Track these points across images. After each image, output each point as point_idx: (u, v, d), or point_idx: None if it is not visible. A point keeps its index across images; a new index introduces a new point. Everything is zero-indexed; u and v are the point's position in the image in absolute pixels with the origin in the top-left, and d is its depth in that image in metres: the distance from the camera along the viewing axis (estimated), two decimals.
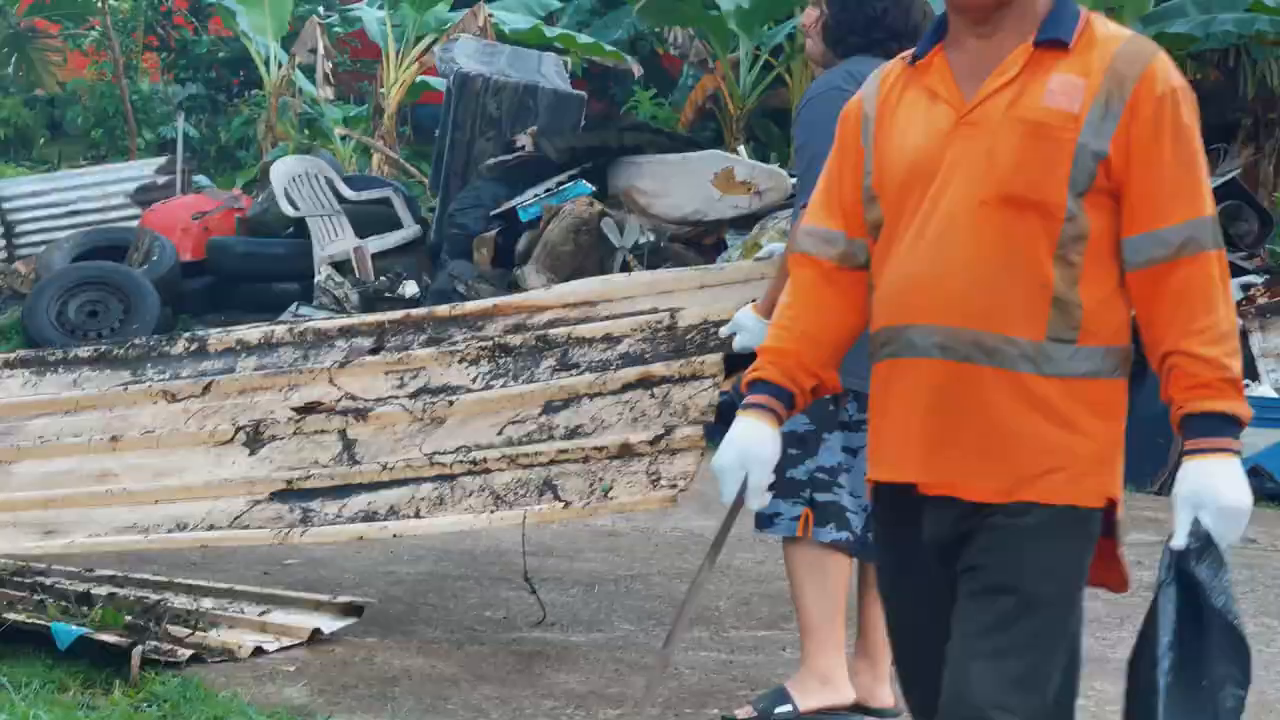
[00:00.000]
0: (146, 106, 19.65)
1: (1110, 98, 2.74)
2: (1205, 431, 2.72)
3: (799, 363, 2.97)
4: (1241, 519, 2.75)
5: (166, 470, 5.19)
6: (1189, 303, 2.72)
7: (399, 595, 5.86)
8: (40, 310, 11.12)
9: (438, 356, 5.09)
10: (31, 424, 5.49)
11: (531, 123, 11.99)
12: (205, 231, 12.61)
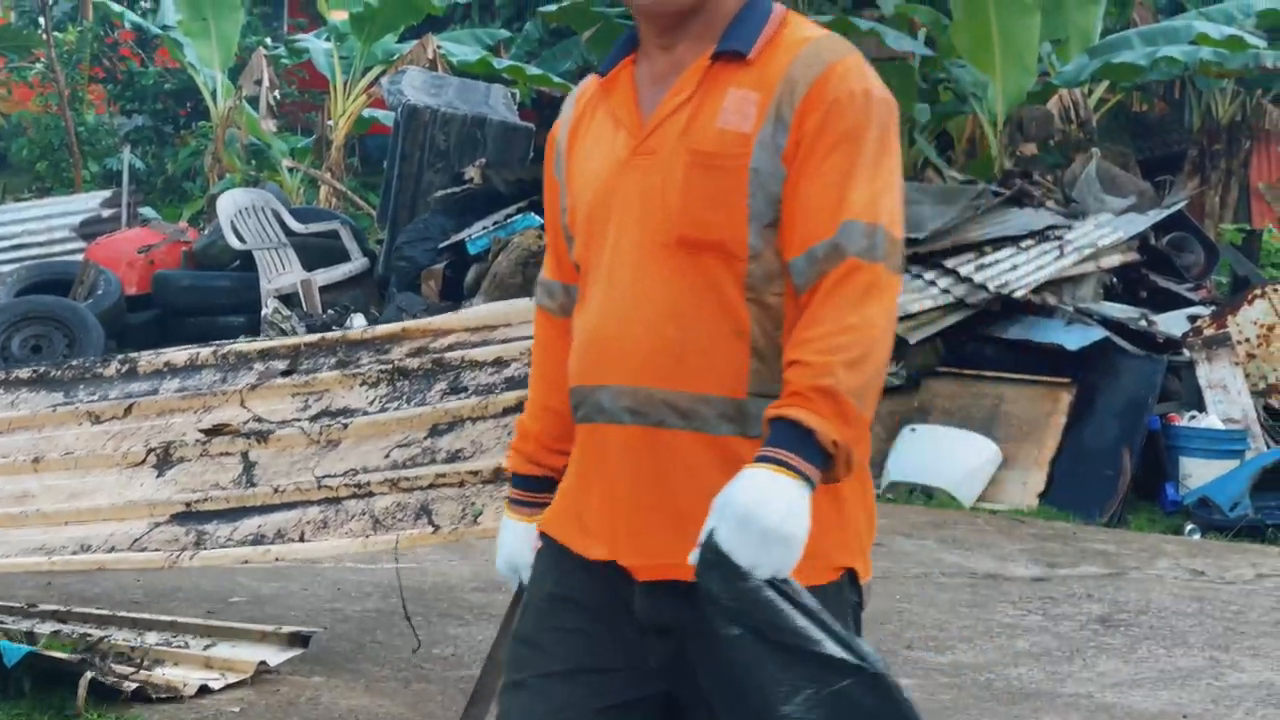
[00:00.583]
0: (92, 138, 19.55)
1: (781, 109, 2.34)
2: (773, 440, 2.22)
3: (541, 444, 2.65)
4: (769, 546, 2.17)
5: (80, 492, 5.18)
6: (814, 310, 2.29)
7: (345, 633, 5.81)
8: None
9: (342, 379, 5.11)
10: None
11: (480, 154, 11.97)
12: (151, 265, 12.53)
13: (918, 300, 9.67)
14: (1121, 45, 13.91)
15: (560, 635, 2.45)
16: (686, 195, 2.35)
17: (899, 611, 6.41)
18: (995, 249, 10.20)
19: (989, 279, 9.81)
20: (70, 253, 13.77)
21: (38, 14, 20.01)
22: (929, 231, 10.10)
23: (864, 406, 2.25)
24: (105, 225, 14.16)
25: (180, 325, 12.10)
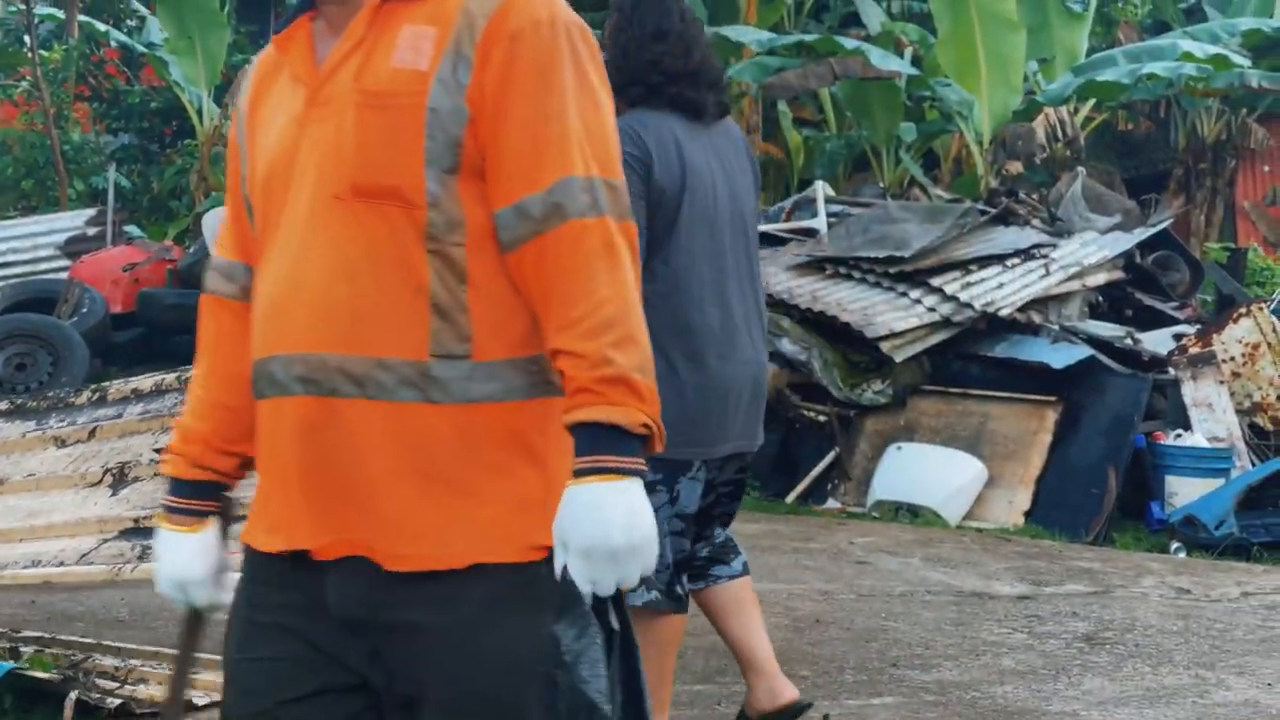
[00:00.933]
0: (78, 156, 19.50)
1: (461, 44, 2.19)
2: (587, 447, 2.09)
3: (209, 445, 2.41)
4: (624, 560, 2.08)
5: (38, 511, 5.28)
6: (561, 286, 2.13)
7: None
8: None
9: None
10: None
11: None
12: (136, 283, 12.52)
13: (903, 318, 9.68)
14: (1107, 64, 13.97)
15: (258, 667, 2.26)
16: (359, 139, 2.19)
17: (884, 629, 6.40)
18: (981, 267, 10.21)
19: (975, 297, 9.82)
20: (55, 271, 13.75)
21: (23, 32, 19.98)
22: (915, 250, 10.11)
23: (649, 376, 2.14)
24: (90, 244, 14.13)
25: (165, 343, 12.07)
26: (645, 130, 4.26)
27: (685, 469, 4.32)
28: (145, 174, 19.25)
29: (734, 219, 4.42)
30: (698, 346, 4.27)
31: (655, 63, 4.34)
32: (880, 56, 13.86)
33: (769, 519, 8.85)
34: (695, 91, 4.36)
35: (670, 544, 4.35)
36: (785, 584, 7.20)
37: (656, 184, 4.24)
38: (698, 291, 4.30)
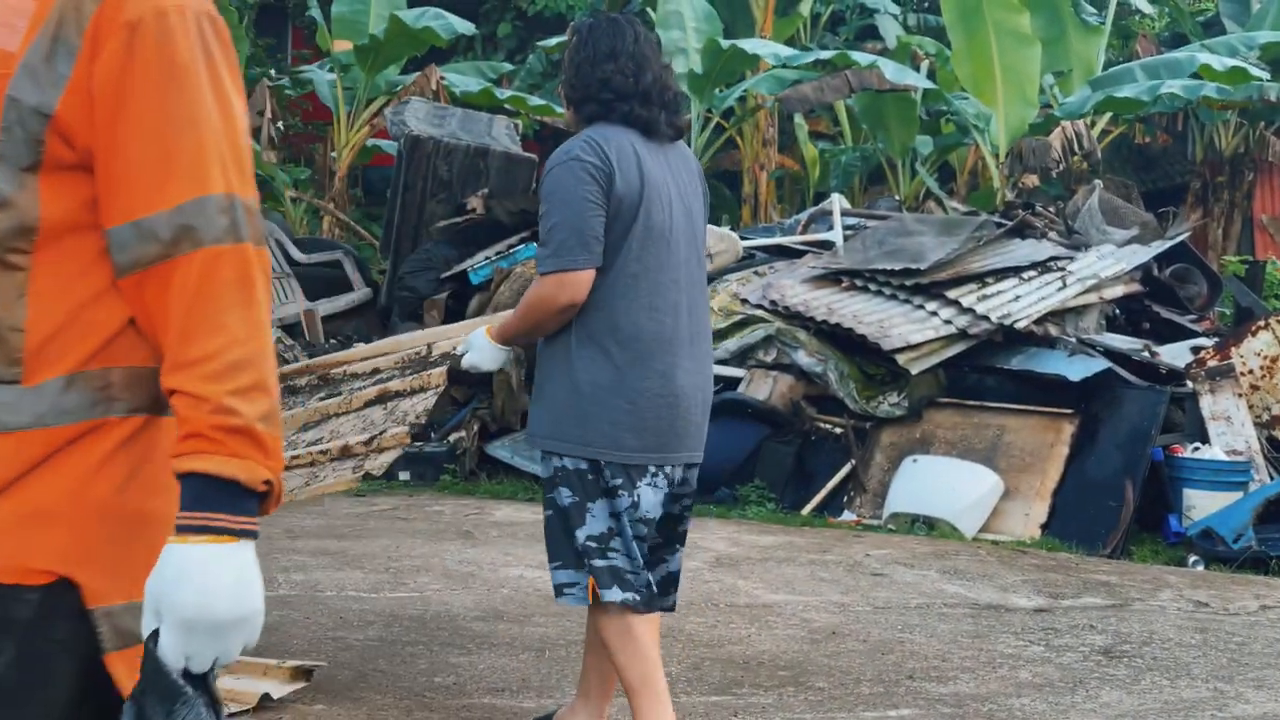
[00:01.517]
0: None
1: (63, 29, 1.88)
2: (195, 501, 1.83)
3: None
4: (227, 633, 1.82)
5: None
6: (187, 320, 1.87)
7: (348, 661, 5.80)
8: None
9: None
10: None
11: (483, 185, 12.00)
12: None
13: (919, 331, 9.68)
14: (1124, 77, 13.97)
15: None
16: None
17: (900, 641, 6.40)
18: (997, 280, 10.21)
19: (991, 310, 9.82)
20: None
21: None
22: (931, 262, 10.12)
23: (275, 427, 1.90)
24: None
25: None
26: (606, 143, 4.48)
27: (642, 473, 4.53)
28: None
29: (688, 235, 4.63)
30: (646, 352, 4.48)
31: (606, 81, 4.56)
32: (896, 70, 13.88)
33: (784, 531, 8.85)
34: (646, 110, 4.57)
35: (636, 546, 4.55)
36: (801, 595, 7.21)
37: (616, 194, 4.44)
38: (648, 299, 4.49)
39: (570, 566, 4.55)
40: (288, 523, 8.57)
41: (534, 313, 4.49)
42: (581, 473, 4.50)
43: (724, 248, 11.03)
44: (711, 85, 14.84)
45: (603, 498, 4.53)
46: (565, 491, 4.52)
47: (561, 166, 4.48)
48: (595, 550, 4.53)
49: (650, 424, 4.49)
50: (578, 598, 4.56)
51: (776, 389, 9.75)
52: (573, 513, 4.54)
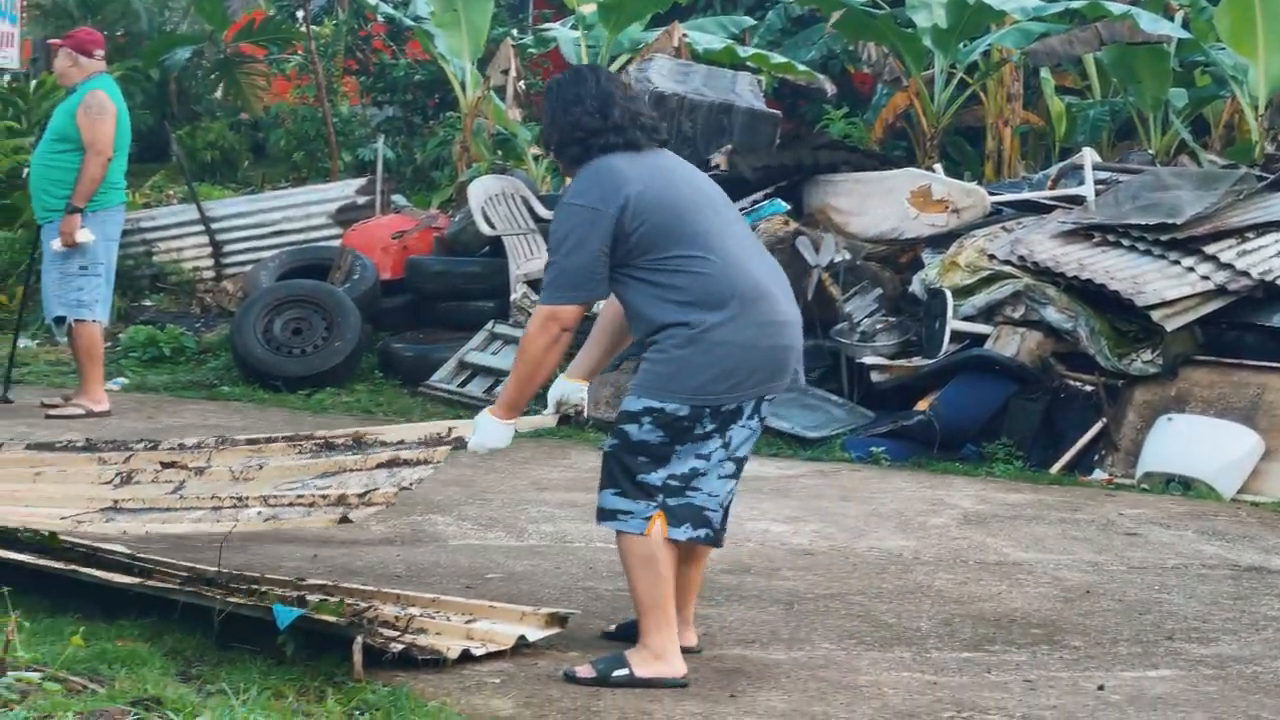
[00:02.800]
0: (345, 129, 20.01)
1: None
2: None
3: None
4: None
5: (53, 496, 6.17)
6: None
7: (598, 611, 5.88)
8: (247, 327, 11.35)
9: (285, 448, 5.90)
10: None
11: (726, 141, 12.00)
12: (404, 250, 12.79)
13: (1175, 287, 9.45)
14: None
15: None
16: None
17: (1158, 602, 6.28)
18: (1258, 235, 9.90)
19: (1251, 265, 9.54)
20: (327, 238, 14.15)
21: (296, 8, 20.54)
22: (1188, 217, 9.86)
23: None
24: (360, 212, 14.51)
25: (431, 309, 12.33)
26: (608, 172, 4.99)
27: (739, 416, 4.98)
28: (409, 145, 19.64)
29: (714, 201, 5.12)
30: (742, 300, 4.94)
31: (575, 124, 5.07)
32: (1150, 21, 13.51)
33: (1033, 489, 8.73)
34: (622, 136, 5.05)
35: (723, 485, 5.05)
36: (1052, 554, 7.11)
37: (649, 202, 4.92)
38: (719, 256, 4.96)
39: (630, 496, 4.97)
40: (535, 475, 8.70)
41: (530, 356, 5.03)
42: (678, 418, 4.92)
43: (971, 203, 10.88)
44: (956, 40, 14.61)
45: (693, 442, 4.97)
46: (651, 429, 4.94)
47: (566, 208, 5.03)
48: (675, 489, 4.98)
49: (761, 362, 4.97)
50: (633, 527, 4.97)
51: (1024, 345, 9.60)
52: (656, 450, 4.96)
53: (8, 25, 13.22)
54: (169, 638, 5.17)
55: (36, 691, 4.34)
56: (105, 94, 9.84)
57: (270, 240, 14.39)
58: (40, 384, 11.34)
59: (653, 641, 5.01)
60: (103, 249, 9.93)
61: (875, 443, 9.52)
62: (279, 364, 11.24)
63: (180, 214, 14.90)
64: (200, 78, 21.82)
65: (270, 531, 6.91)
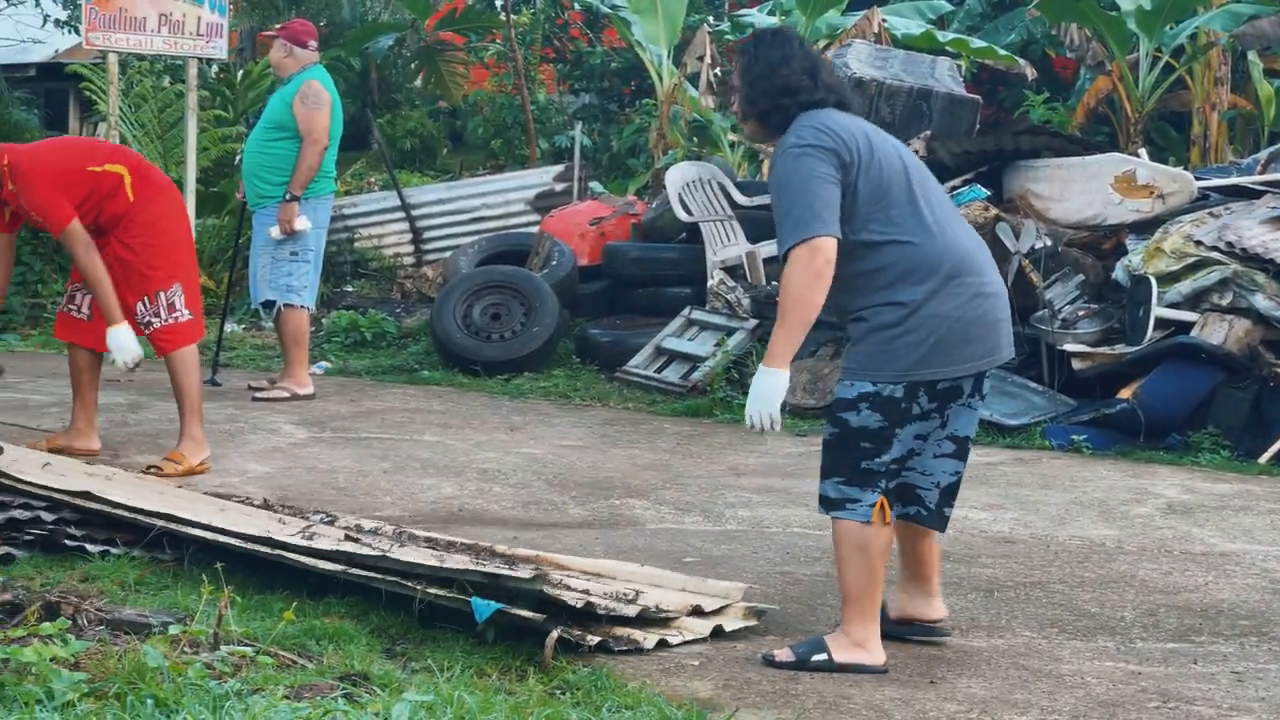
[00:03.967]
0: (543, 116, 20.22)
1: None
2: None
3: None
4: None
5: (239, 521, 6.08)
6: None
7: (796, 596, 5.88)
8: (447, 313, 11.52)
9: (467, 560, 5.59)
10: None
11: (925, 127, 11.91)
12: (601, 237, 12.88)
13: None
14: None
15: None
16: None
17: None
18: None
19: None
20: (526, 225, 14.33)
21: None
22: None
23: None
24: (558, 199, 14.65)
25: (628, 295, 12.40)
26: (824, 119, 4.81)
27: (958, 394, 4.94)
28: (605, 132, 19.78)
29: (920, 172, 4.97)
30: (951, 272, 4.82)
31: (785, 87, 4.87)
32: None
33: (1240, 479, 8.54)
34: (830, 94, 4.90)
35: (938, 465, 5.04)
36: (1261, 545, 6.95)
37: (849, 159, 4.76)
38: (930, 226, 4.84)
39: (855, 484, 4.86)
40: (732, 461, 8.72)
41: (791, 303, 4.74)
42: (895, 400, 4.82)
43: (1177, 188, 10.66)
44: (1161, 23, 14.34)
45: (912, 422, 4.87)
46: (869, 413, 4.82)
47: (784, 155, 4.81)
48: (895, 472, 4.91)
49: (973, 334, 4.85)
50: (860, 514, 4.86)
51: (1232, 333, 9.39)
52: (877, 435, 4.84)
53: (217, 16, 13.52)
54: (374, 616, 5.27)
55: (249, 665, 4.46)
56: (320, 84, 10.05)
57: (469, 227, 14.60)
58: (247, 367, 11.63)
59: (854, 630, 4.95)
60: (313, 236, 10.14)
61: (1076, 431, 9.38)
62: (478, 349, 11.39)
63: (381, 201, 15.18)
64: (400, 66, 22.19)
65: (470, 513, 7.07)
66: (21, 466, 6.37)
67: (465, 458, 8.45)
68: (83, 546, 5.84)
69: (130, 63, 15.50)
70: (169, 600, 5.28)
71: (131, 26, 13.21)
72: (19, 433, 8.14)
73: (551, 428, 9.62)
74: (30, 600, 4.81)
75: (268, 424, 9.17)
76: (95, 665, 4.12)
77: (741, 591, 5.61)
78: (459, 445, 8.82)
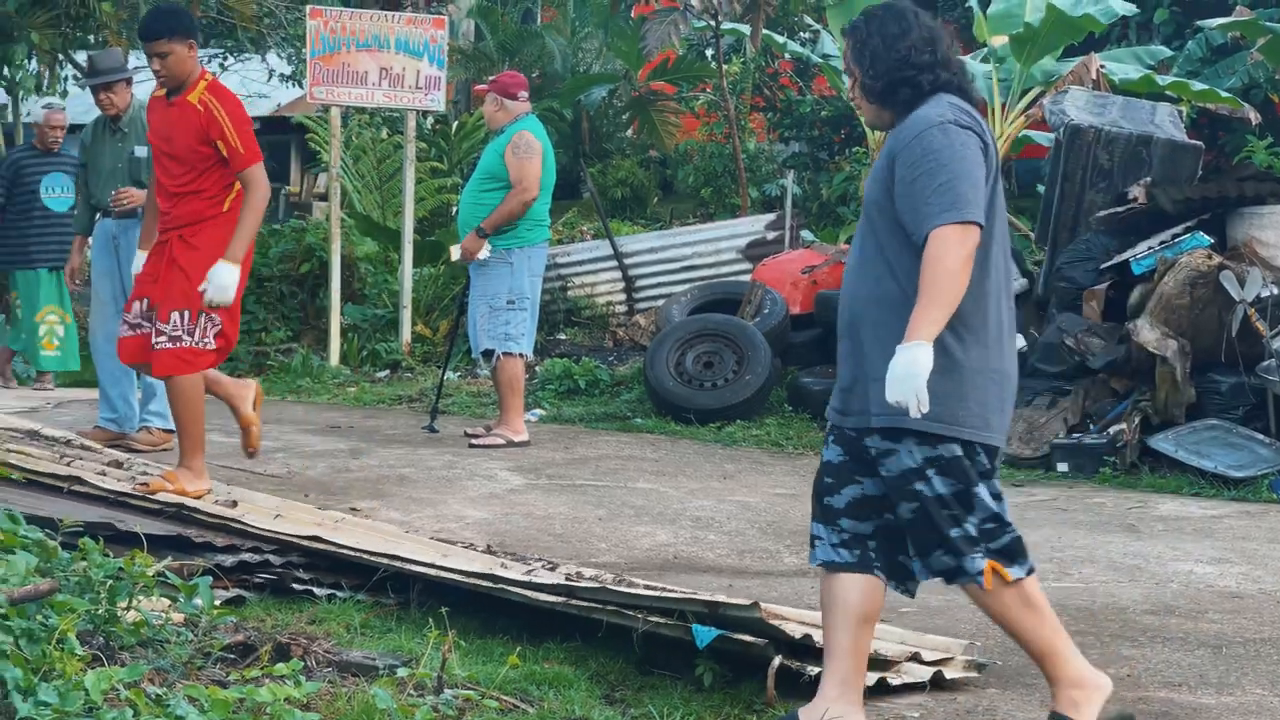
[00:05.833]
0: (752, 165, 20.27)
1: None
2: None
3: None
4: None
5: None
6: None
7: (1015, 647, 5.76)
8: (660, 361, 11.58)
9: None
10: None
11: (1145, 174, 11.69)
12: (814, 285, 12.85)
13: None
14: None
15: None
16: None
17: None
18: None
19: None
20: (737, 274, 14.36)
21: (705, 47, 20.94)
22: None
23: None
24: (769, 247, 14.66)
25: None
26: (970, 108, 4.51)
27: (996, 454, 4.59)
28: (815, 181, 19.78)
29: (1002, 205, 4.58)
30: (999, 329, 4.52)
31: (905, 60, 4.51)
32: None
33: None
34: (950, 73, 4.54)
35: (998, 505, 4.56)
36: None
37: (989, 163, 4.44)
38: (999, 274, 4.52)
39: (961, 554, 4.51)
40: None
41: (943, 277, 4.32)
42: (960, 459, 4.46)
43: None
44: None
45: (982, 480, 4.51)
46: (944, 480, 4.46)
47: (939, 129, 4.43)
48: (993, 531, 4.52)
49: (1007, 403, 4.55)
50: (974, 580, 4.54)
51: None
52: (960, 499, 4.49)
53: (436, 69, 13.84)
54: (592, 662, 5.31)
55: (473, 709, 4.53)
56: (531, 134, 10.20)
57: (681, 275, 14.67)
58: (462, 414, 11.81)
59: (1072, 679, 4.67)
60: (529, 285, 10.27)
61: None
62: (690, 397, 11.43)
63: (594, 250, 15.34)
64: (612, 116, 22.43)
65: (685, 561, 7.10)
66: (252, 512, 6.55)
67: (679, 505, 8.48)
68: (310, 589, 5.98)
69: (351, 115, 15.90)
70: (393, 643, 5.38)
71: (354, 80, 13.58)
72: (246, 477, 8.36)
73: (765, 476, 9.61)
74: (262, 641, 4.94)
75: (484, 470, 9.30)
76: (326, 706, 4.22)
77: (961, 647, 5.55)
78: (672, 493, 8.85)
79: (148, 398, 9.41)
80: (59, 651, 3.94)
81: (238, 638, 4.94)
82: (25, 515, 5.05)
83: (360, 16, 13.95)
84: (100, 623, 4.58)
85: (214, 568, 5.82)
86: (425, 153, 16.75)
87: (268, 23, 20.65)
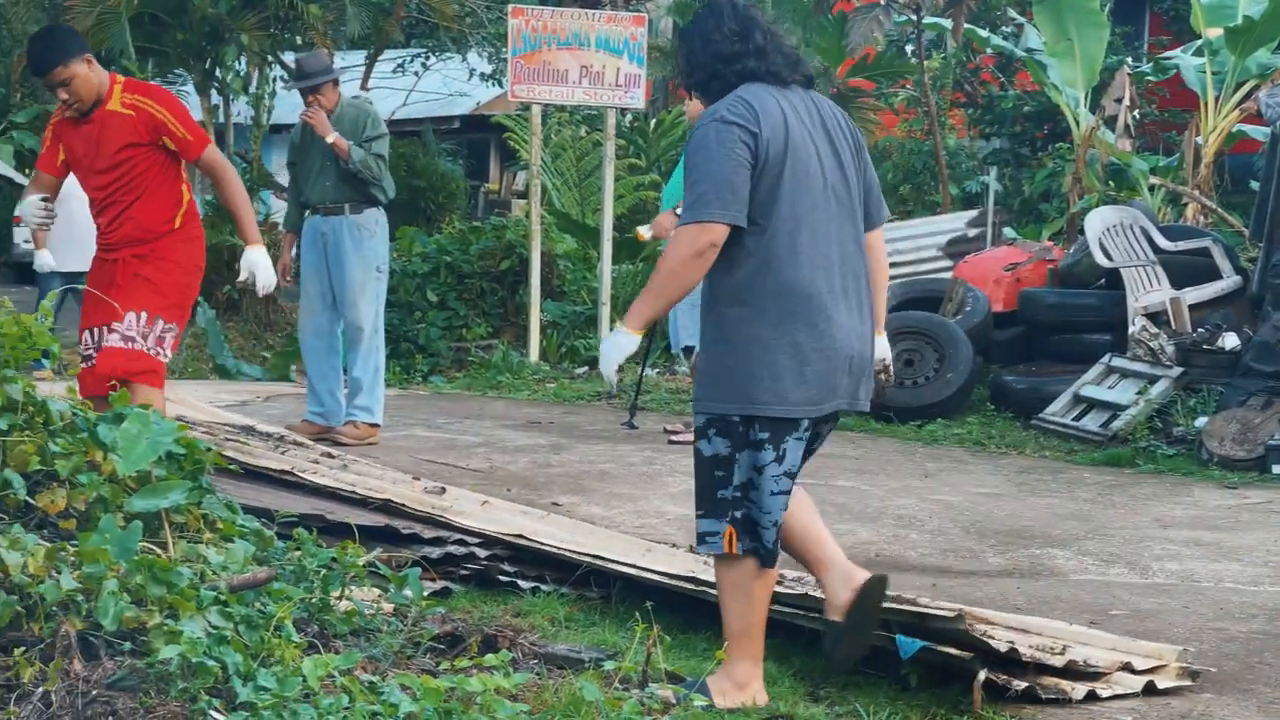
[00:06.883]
0: (952, 161, 20.07)
1: None
2: None
3: None
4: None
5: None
6: None
7: (1232, 653, 5.65)
8: None
9: None
10: None
11: None
12: (1017, 283, 12.69)
13: None
14: None
15: None
16: None
17: None
18: None
19: None
20: (938, 271, 14.22)
21: (904, 42, 20.77)
22: None
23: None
24: (971, 244, 14.51)
25: (1044, 342, 12.18)
26: (752, 98, 4.63)
27: (794, 427, 4.67)
28: (1016, 177, 19.52)
29: (836, 188, 4.72)
30: (802, 307, 4.61)
31: (718, 54, 4.73)
32: None
33: None
34: (764, 62, 4.70)
35: (777, 502, 4.71)
36: None
37: (763, 147, 4.56)
38: (805, 256, 4.62)
39: (711, 515, 4.75)
40: (1157, 512, 8.46)
41: (663, 273, 4.63)
42: (734, 424, 4.65)
43: None
44: None
45: (748, 449, 4.67)
46: (719, 441, 4.69)
47: (705, 127, 4.62)
48: (739, 501, 4.71)
49: (809, 377, 4.62)
50: (716, 545, 4.76)
51: None
52: (723, 463, 4.70)
53: (635, 67, 13.89)
54: (796, 660, 5.28)
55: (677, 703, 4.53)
56: None
57: None
58: (661, 411, 11.84)
59: (735, 670, 4.78)
60: None
61: None
62: (891, 395, 11.33)
63: None
64: None
65: (887, 560, 7.04)
66: (461, 506, 6.63)
67: (880, 503, 8.42)
68: (515, 582, 6.03)
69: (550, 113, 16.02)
70: (597, 637, 5.40)
71: (554, 79, 13.68)
72: (450, 471, 8.46)
73: (967, 475, 9.50)
74: (469, 632, 4.99)
75: (684, 467, 9.29)
76: (534, 698, 4.25)
77: (1175, 654, 5.41)
78: (873, 491, 8.78)
79: (354, 393, 9.57)
80: (276, 638, 4.03)
81: (446, 629, 5.00)
82: (243, 506, 5.17)
83: (561, 15, 14.05)
84: (314, 611, 4.67)
85: (421, 559, 5.91)
86: (624, 150, 16.84)
87: (469, 22, 20.92)
